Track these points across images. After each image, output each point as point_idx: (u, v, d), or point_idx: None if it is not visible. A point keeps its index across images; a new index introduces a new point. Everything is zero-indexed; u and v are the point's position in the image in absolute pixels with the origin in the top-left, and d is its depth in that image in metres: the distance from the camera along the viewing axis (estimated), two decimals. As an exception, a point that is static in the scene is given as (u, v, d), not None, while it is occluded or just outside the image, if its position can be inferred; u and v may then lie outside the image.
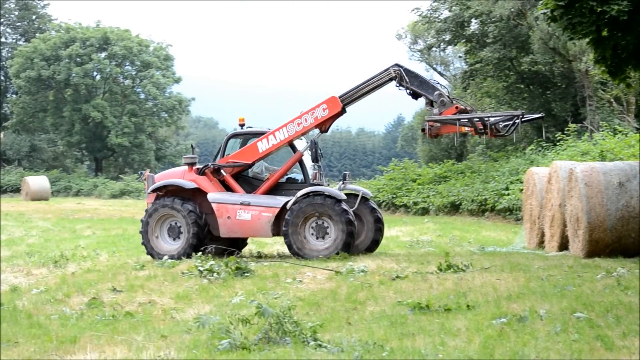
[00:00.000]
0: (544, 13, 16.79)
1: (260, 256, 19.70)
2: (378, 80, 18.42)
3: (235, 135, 19.63)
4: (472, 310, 10.90)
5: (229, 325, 9.72)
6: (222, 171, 18.94)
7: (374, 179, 48.29)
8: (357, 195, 18.61)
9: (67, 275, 16.72)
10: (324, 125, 18.64)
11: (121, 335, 10.40)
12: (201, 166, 19.18)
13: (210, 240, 18.84)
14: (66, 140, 77.10)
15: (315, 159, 18.31)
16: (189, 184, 18.78)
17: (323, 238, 17.86)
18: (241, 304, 11.85)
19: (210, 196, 18.64)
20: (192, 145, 21.06)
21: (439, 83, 18.40)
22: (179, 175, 19.20)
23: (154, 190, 19.09)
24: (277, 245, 21.46)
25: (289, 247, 18.03)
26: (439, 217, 37.79)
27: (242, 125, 19.55)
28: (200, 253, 17.12)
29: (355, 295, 12.67)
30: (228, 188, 18.94)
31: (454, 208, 38.24)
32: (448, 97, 17.74)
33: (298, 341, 9.20)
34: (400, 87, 18.13)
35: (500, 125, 17.52)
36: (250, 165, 19.10)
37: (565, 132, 34.63)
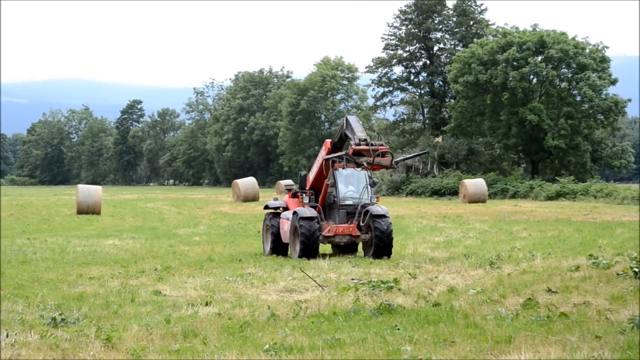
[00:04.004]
0: None
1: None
2: (338, 128, 24.31)
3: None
4: None
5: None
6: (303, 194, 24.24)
7: None
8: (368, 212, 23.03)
9: (503, 276, 17.01)
10: (328, 162, 23.40)
11: (555, 335, 10.42)
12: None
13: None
14: (503, 143, 78.02)
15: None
16: (275, 204, 25.29)
17: None
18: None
19: (282, 214, 24.76)
20: (300, 174, 25.79)
21: (377, 136, 23.07)
22: (285, 198, 25.34)
23: (265, 208, 25.69)
24: None
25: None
26: None
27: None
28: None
29: None
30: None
31: None
32: (365, 140, 22.62)
33: None
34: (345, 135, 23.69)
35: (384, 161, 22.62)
36: (311, 190, 24.29)
37: None
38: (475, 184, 62.14)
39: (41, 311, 13.94)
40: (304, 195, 23.89)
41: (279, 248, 24.46)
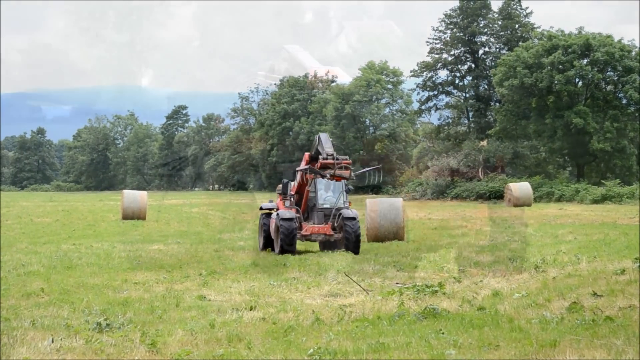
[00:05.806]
0: None
1: None
2: (314, 143, 28.08)
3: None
4: None
5: None
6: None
7: None
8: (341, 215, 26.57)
9: (548, 280, 16.90)
10: (307, 172, 26.96)
11: (600, 339, 10.34)
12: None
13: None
14: (548, 146, 77.46)
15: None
16: (267, 206, 29.11)
17: None
18: None
19: (272, 214, 27.83)
20: (282, 181, 28.66)
21: (341, 155, 27.01)
22: (277, 201, 28.97)
23: (261, 209, 29.19)
24: None
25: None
26: None
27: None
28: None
29: None
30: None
31: None
32: (331, 155, 26.37)
33: None
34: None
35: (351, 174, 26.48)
36: (298, 196, 28.17)
37: None
38: (521, 187, 61.75)
39: (86, 316, 14.08)
40: (287, 199, 27.82)
41: (269, 243, 27.70)
